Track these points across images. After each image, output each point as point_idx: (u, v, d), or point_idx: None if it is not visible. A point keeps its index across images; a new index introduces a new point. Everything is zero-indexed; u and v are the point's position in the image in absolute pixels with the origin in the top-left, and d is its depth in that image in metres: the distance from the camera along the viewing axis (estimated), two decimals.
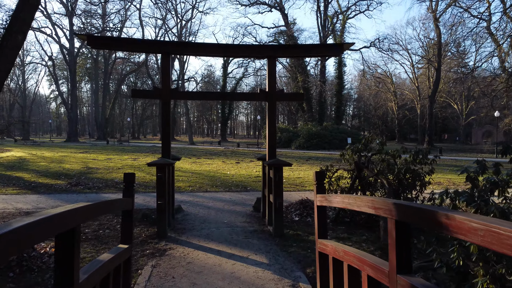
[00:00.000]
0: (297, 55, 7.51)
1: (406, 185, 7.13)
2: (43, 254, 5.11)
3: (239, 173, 16.05)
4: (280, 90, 7.34)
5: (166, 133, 7.04)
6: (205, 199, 10.18)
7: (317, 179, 3.84)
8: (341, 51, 7.34)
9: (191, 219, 7.86)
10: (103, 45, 6.72)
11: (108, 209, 3.14)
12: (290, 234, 6.71)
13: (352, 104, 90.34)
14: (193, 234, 6.68)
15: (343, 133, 41.19)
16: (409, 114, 64.31)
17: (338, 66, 49.99)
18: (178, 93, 7.15)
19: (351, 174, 8.16)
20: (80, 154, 25.93)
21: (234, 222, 7.60)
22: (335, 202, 3.26)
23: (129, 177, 3.57)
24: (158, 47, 6.93)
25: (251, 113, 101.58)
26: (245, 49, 7.06)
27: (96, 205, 2.82)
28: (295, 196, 10.42)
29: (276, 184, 6.58)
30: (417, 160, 6.94)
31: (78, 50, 54.98)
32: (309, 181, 13.95)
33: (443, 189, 3.74)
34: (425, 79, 60.22)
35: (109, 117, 65.35)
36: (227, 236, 6.57)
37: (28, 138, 61.07)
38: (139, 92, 7.14)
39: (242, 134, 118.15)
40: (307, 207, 8.45)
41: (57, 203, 9.14)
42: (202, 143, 51.85)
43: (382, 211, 2.39)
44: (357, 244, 6.20)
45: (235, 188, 12.18)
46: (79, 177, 13.93)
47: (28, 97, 75.76)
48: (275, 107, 7.31)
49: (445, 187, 11.52)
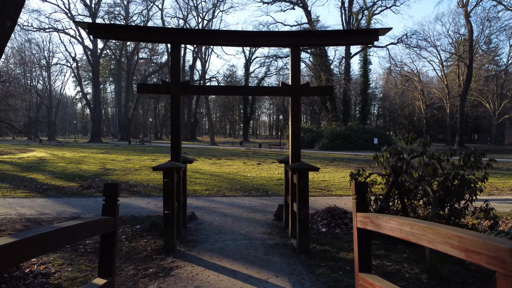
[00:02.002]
0: (325, 43, 6.50)
1: (454, 193, 6.07)
2: (27, 274, 4.37)
3: (260, 175, 15.18)
4: (305, 84, 6.42)
5: (176, 133, 6.23)
6: (222, 204, 9.35)
7: (357, 191, 2.90)
8: (376, 38, 6.35)
9: (205, 228, 7.03)
10: (105, 34, 5.98)
11: (74, 236, 2.31)
12: (317, 250, 5.78)
13: (377, 104, 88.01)
14: (205, 248, 5.84)
15: (369, 133, 39.63)
16: (438, 113, 61.85)
17: (363, 64, 48.37)
18: (189, 87, 6.32)
19: (386, 179, 7.16)
20: (100, 155, 25.66)
21: (252, 233, 6.72)
22: (387, 228, 2.32)
23: (110, 189, 2.73)
24: (168, 35, 6.14)
25: (273, 113, 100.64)
26: (265, 36, 6.18)
27: (52, 233, 1.99)
28: (321, 202, 9.46)
29: (300, 192, 5.66)
30: (468, 163, 5.89)
31: (101, 51, 55.41)
32: (335, 184, 12.94)
33: (488, 196, 2.79)
34: (455, 77, 57.76)
35: (132, 117, 65.72)
36: (244, 251, 5.70)
37: (53, 139, 62.11)
38: (146, 86, 6.37)
39: (264, 134, 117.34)
40: (335, 216, 7.49)
41: (63, 208, 8.50)
42: (223, 144, 51.26)
43: (482, 259, 1.45)
44: (397, 264, 5.21)
45: (255, 192, 11.31)
46: (93, 179, 13.38)
47: (54, 98, 77.15)
48: (299, 102, 6.39)
49: (488, 193, 10.23)
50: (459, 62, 52.10)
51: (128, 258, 5.32)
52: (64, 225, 2.15)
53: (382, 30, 6.27)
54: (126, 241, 6.14)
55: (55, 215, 7.84)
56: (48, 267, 4.81)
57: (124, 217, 7.74)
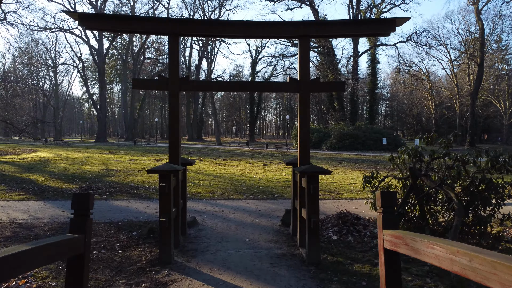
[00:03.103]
0: (337, 34, 5.93)
1: (479, 199, 5.50)
2: None
3: (266, 177, 14.65)
4: (314, 79, 5.88)
5: (174, 132, 5.73)
6: (226, 208, 8.83)
7: (385, 202, 2.35)
8: (393, 28, 5.79)
9: (206, 235, 6.52)
10: (97, 24, 5.49)
11: (19, 268, 1.76)
12: (328, 261, 5.24)
13: (385, 103, 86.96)
14: (205, 258, 5.33)
15: (378, 133, 38.86)
16: (447, 113, 60.82)
17: (372, 62, 47.58)
18: (189, 82, 5.81)
19: (403, 183, 6.61)
20: (104, 155, 25.28)
21: (257, 241, 6.20)
22: (430, 256, 1.78)
23: (80, 200, 2.21)
24: (165, 25, 5.63)
25: (280, 113, 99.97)
26: (272, 27, 5.65)
27: None
28: (331, 206, 8.91)
29: (310, 198, 5.13)
30: (495, 166, 5.32)
31: (107, 51, 55.23)
32: (345, 187, 12.37)
33: None
34: (465, 76, 56.74)
35: (138, 117, 65.51)
36: (248, 262, 5.18)
37: (59, 139, 62.10)
38: (141, 82, 5.89)
39: (271, 134, 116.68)
40: (346, 223, 6.94)
41: (58, 213, 8.05)
42: (229, 144, 50.78)
43: None
44: (418, 279, 4.66)
45: (261, 195, 10.78)
46: (94, 180, 12.94)
47: (61, 99, 77.22)
48: (308, 99, 5.85)
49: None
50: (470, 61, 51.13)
51: (120, 270, 4.82)
52: (8, 253, 1.64)
53: (400, 20, 5.72)
54: (120, 250, 5.65)
55: (48, 220, 7.38)
56: (29, 281, 4.33)
57: (121, 222, 7.25)
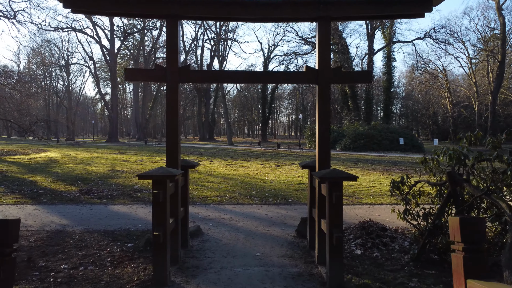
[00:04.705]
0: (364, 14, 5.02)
1: None
2: None
3: (279, 179, 13.80)
4: (336, 68, 5.03)
5: (173, 131, 4.94)
6: (234, 215, 8.02)
7: (465, 235, 1.52)
8: (429, 8, 4.91)
9: (210, 248, 5.72)
10: (82, 5, 4.72)
11: None
12: (353, 284, 4.38)
13: (399, 103, 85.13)
14: (208, 278, 4.52)
15: (394, 133, 37.57)
16: (466, 112, 59.03)
17: (387, 60, 46.20)
18: (190, 73, 5.01)
19: (438, 189, 5.70)
20: (113, 155, 24.75)
21: (269, 256, 5.37)
22: None
23: None
24: (162, 6, 4.85)
25: (292, 113, 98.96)
26: (286, 7, 4.84)
27: None
28: (351, 213, 8.03)
29: (332, 208, 4.28)
30: None
31: (118, 50, 55.01)
32: (364, 190, 11.46)
33: None
34: (484, 74, 54.96)
35: (149, 117, 65.23)
36: (257, 284, 4.36)
37: (72, 139, 62.19)
38: (136, 72, 5.14)
39: (283, 134, 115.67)
40: (371, 234, 6.06)
41: (50, 219, 7.34)
42: (241, 144, 50.02)
43: None
44: None
45: (273, 199, 9.94)
46: (97, 182, 12.28)
47: (74, 99, 77.50)
48: (328, 92, 5.00)
49: None
50: (489, 58, 49.42)
51: None
52: None
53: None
54: (111, 266, 4.89)
55: (37, 227, 6.68)
56: None
57: (116, 231, 6.50)
